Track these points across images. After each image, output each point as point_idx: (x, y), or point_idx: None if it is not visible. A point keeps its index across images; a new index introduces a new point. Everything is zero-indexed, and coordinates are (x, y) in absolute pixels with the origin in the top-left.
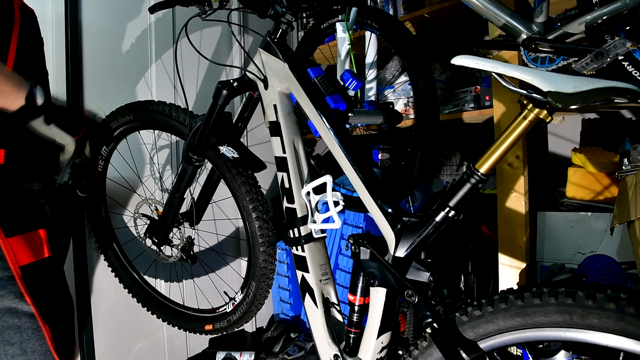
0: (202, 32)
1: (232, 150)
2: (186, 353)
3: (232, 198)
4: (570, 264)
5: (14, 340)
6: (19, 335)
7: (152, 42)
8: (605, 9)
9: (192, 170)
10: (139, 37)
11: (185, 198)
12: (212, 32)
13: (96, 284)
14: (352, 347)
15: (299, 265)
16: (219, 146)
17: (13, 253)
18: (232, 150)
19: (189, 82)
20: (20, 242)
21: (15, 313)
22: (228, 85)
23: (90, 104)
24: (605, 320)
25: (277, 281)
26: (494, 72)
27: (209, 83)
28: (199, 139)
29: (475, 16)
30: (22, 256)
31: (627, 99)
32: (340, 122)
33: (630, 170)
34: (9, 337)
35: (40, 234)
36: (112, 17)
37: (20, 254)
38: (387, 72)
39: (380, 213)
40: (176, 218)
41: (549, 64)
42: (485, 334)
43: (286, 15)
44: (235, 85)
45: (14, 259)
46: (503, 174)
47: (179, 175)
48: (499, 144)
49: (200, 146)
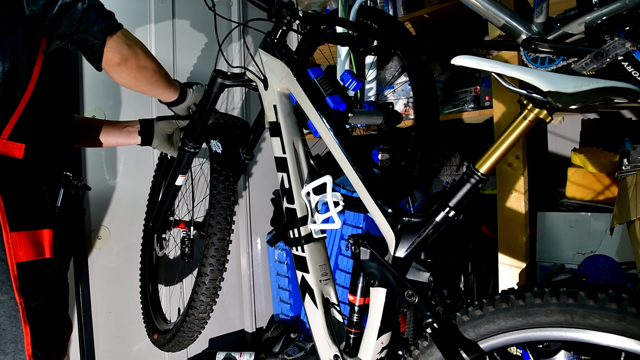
0: (201, 32)
1: (219, 145)
2: (186, 353)
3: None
4: (570, 264)
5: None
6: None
7: (152, 40)
8: (605, 9)
9: (187, 157)
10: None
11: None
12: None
13: (96, 284)
14: (352, 347)
15: (299, 266)
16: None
17: (13, 248)
18: (218, 145)
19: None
20: (23, 238)
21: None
22: (223, 74)
23: (90, 104)
24: (607, 320)
25: (277, 281)
26: (494, 72)
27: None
28: (194, 126)
29: (475, 16)
30: (21, 252)
31: (627, 99)
32: (340, 122)
33: (630, 170)
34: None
35: (45, 234)
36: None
37: (19, 249)
38: (387, 73)
39: (380, 213)
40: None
41: (548, 64)
42: (486, 333)
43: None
44: (230, 74)
45: (12, 254)
46: (503, 174)
47: (175, 163)
48: (498, 144)
49: (195, 133)
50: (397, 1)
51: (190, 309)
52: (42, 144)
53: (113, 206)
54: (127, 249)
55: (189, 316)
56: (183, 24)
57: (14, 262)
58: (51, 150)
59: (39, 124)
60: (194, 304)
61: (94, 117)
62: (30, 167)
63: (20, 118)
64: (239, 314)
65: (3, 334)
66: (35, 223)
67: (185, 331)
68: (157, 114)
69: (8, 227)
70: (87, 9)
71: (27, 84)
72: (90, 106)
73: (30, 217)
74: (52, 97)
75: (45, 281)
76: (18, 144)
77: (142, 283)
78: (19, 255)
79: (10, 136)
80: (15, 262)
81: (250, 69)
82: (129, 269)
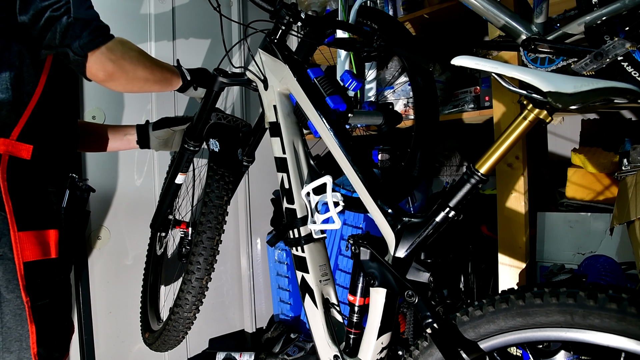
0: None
1: (217, 144)
2: (186, 353)
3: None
4: (570, 264)
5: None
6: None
7: (152, 40)
8: (605, 9)
9: (188, 155)
10: (139, 32)
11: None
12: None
13: (96, 284)
14: (352, 347)
15: (298, 266)
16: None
17: (20, 247)
18: (216, 144)
19: None
20: (30, 238)
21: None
22: (224, 72)
23: (90, 104)
24: (607, 321)
25: (277, 282)
26: (494, 72)
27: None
28: (195, 124)
29: (474, 17)
30: (28, 252)
31: (626, 99)
32: (340, 122)
33: (630, 170)
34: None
35: (51, 234)
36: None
37: (26, 249)
38: (386, 73)
39: (380, 213)
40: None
41: (548, 64)
42: (486, 334)
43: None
44: (230, 73)
45: (19, 253)
46: (503, 174)
47: (176, 161)
48: (498, 144)
49: (196, 132)
50: (397, 1)
51: (175, 307)
52: (49, 145)
53: (113, 207)
54: (127, 249)
55: (174, 314)
56: (183, 24)
57: (21, 261)
58: (58, 151)
59: (46, 125)
60: (179, 302)
61: (94, 117)
62: (37, 168)
63: (29, 120)
64: (239, 314)
65: (8, 332)
66: (42, 223)
67: (171, 330)
68: (157, 112)
69: (16, 226)
70: (72, 24)
71: (35, 87)
72: (90, 106)
73: (38, 217)
74: (59, 100)
75: (50, 281)
76: (26, 145)
77: (144, 282)
78: (26, 255)
79: (19, 138)
80: (22, 261)
81: (251, 69)
82: (129, 269)
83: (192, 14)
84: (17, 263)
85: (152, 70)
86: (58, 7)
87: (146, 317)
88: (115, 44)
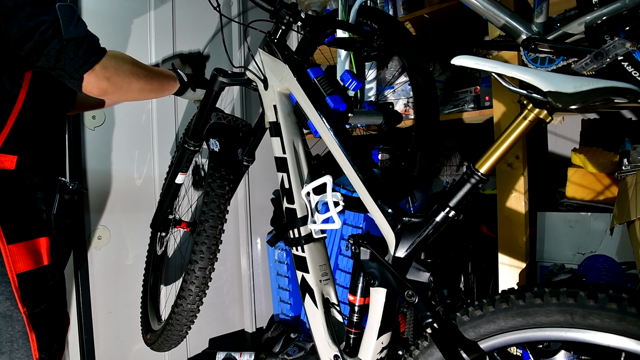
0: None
1: (217, 144)
2: (186, 353)
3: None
4: (570, 264)
5: (4, 349)
6: (9, 345)
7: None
8: (605, 9)
9: (188, 155)
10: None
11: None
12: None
13: (96, 284)
14: (352, 347)
15: (299, 266)
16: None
17: (12, 260)
18: (216, 144)
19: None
20: (21, 249)
21: (9, 322)
22: (224, 72)
23: None
24: (607, 321)
25: (277, 281)
26: (494, 72)
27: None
28: (196, 124)
29: (475, 17)
30: (20, 264)
31: (627, 99)
32: (340, 122)
33: (630, 170)
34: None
35: (42, 242)
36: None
37: (18, 261)
38: (387, 73)
39: (380, 213)
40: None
41: (548, 64)
42: (486, 333)
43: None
44: (230, 73)
45: (11, 266)
46: (503, 174)
47: (176, 160)
48: (499, 144)
49: (196, 131)
50: (397, 1)
51: (179, 299)
52: (34, 153)
53: (113, 206)
54: (127, 249)
55: (177, 307)
56: (183, 24)
57: (14, 274)
58: (44, 158)
59: (30, 134)
60: (182, 293)
61: (94, 117)
62: (23, 177)
63: (11, 132)
64: (239, 314)
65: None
66: (32, 233)
67: (174, 324)
68: (157, 112)
69: (5, 240)
70: (64, 46)
71: (15, 99)
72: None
73: (27, 227)
74: (45, 107)
75: (45, 287)
76: (10, 155)
77: (144, 282)
78: (18, 267)
79: (2, 149)
80: (15, 273)
81: (251, 69)
82: (129, 269)
83: (192, 14)
84: (10, 276)
85: (147, 79)
86: (45, 28)
87: (147, 318)
88: (108, 59)
